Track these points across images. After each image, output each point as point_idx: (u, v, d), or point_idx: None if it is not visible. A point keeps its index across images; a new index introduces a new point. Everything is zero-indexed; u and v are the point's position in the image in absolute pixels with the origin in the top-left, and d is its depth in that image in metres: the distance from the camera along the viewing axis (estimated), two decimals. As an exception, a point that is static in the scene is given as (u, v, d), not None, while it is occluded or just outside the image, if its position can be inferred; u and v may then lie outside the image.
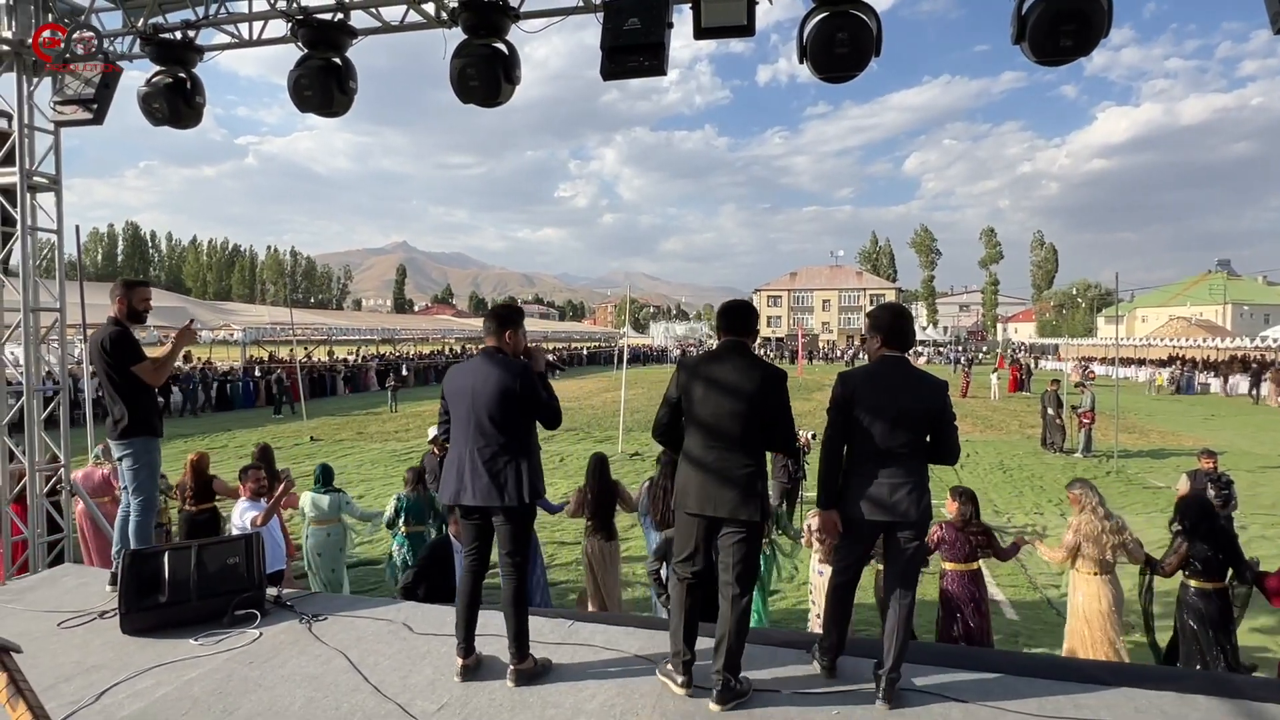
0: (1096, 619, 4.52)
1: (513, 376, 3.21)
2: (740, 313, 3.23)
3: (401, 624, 3.85)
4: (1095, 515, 4.60)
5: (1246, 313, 58.44)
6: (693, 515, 3.06)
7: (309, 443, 16.01)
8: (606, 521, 5.23)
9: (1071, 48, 3.41)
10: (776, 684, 3.20)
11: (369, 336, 38.77)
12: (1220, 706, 3.02)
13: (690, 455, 3.09)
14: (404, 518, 5.79)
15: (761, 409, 3.02)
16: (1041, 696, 3.07)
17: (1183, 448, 15.30)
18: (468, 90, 4.36)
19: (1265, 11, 3.47)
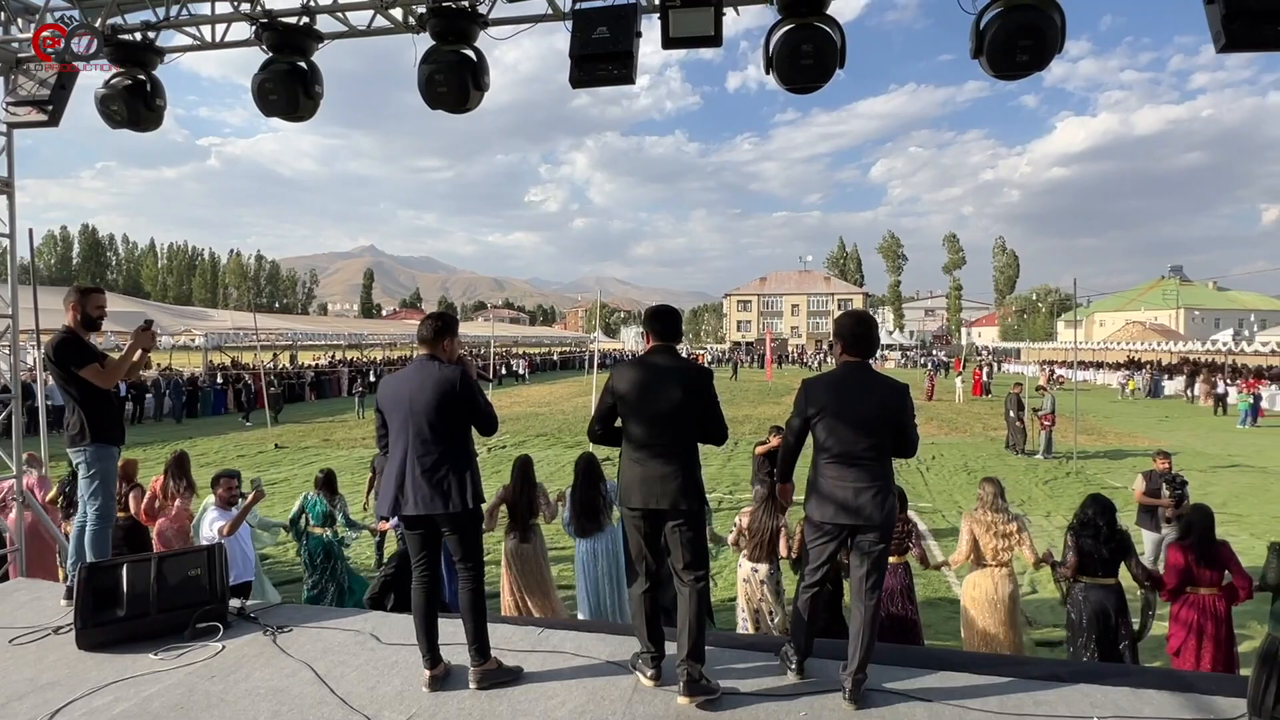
0: (986, 607, 4.64)
1: (453, 382, 3.21)
2: (670, 318, 3.36)
3: (369, 634, 3.81)
4: (988, 510, 4.73)
5: (1198, 317, 60.35)
6: (636, 510, 3.17)
7: (273, 450, 15.71)
8: (524, 523, 5.24)
9: (1027, 63, 3.52)
10: (746, 686, 3.23)
11: (335, 341, 38.17)
12: (1172, 700, 3.13)
13: (631, 454, 3.21)
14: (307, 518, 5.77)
15: (693, 405, 3.19)
16: (1003, 695, 3.15)
17: (1138, 448, 15.75)
18: (436, 97, 4.34)
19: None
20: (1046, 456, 14.76)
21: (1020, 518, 4.85)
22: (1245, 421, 20.33)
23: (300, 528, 5.84)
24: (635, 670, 3.31)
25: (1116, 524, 4.53)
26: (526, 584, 5.24)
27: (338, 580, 5.78)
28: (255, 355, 25.29)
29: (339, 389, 30.48)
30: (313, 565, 5.73)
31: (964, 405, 26.24)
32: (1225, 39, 3.39)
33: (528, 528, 5.28)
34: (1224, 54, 3.53)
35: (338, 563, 5.85)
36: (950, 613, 6.42)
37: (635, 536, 3.24)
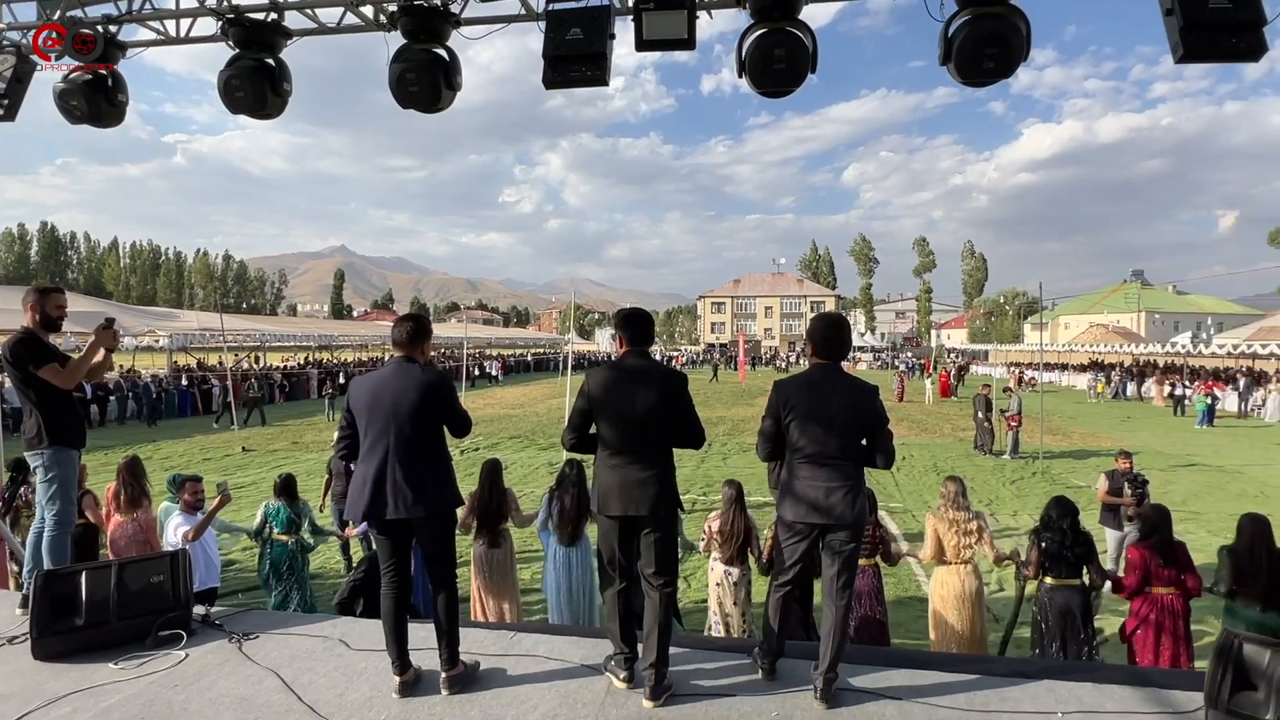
0: (953, 604, 4.71)
1: (436, 385, 3.21)
2: (642, 322, 3.34)
3: (337, 640, 3.75)
4: (950, 508, 4.82)
5: (1158, 320, 61.94)
6: (615, 518, 3.18)
7: (240, 453, 15.42)
8: (493, 528, 5.21)
9: (994, 70, 3.58)
10: (718, 687, 3.24)
11: (305, 343, 37.58)
12: (1133, 694, 3.20)
13: (607, 461, 3.20)
14: (271, 527, 5.68)
15: (669, 409, 3.20)
16: (970, 692, 3.20)
17: (1102, 448, 16.11)
18: (408, 96, 4.30)
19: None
20: (1013, 456, 15.03)
21: (980, 516, 4.93)
22: (1203, 422, 20.90)
23: (265, 536, 5.74)
24: (608, 672, 3.30)
25: (1079, 526, 4.63)
26: (495, 588, 5.21)
27: (303, 588, 5.69)
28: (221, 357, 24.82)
29: (308, 391, 30.04)
30: (277, 574, 5.63)
31: (934, 406, 26.62)
32: (1183, 50, 3.48)
33: (497, 532, 5.25)
34: (1182, 64, 3.63)
35: (302, 571, 5.78)
36: (919, 611, 6.50)
37: (610, 542, 3.24)
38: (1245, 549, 4.25)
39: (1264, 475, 13.49)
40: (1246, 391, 25.11)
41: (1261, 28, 3.44)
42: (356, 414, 3.23)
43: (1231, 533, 4.56)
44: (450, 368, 41.69)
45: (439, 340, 50.22)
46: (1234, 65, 3.65)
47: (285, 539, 5.69)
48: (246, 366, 31.16)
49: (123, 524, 5.47)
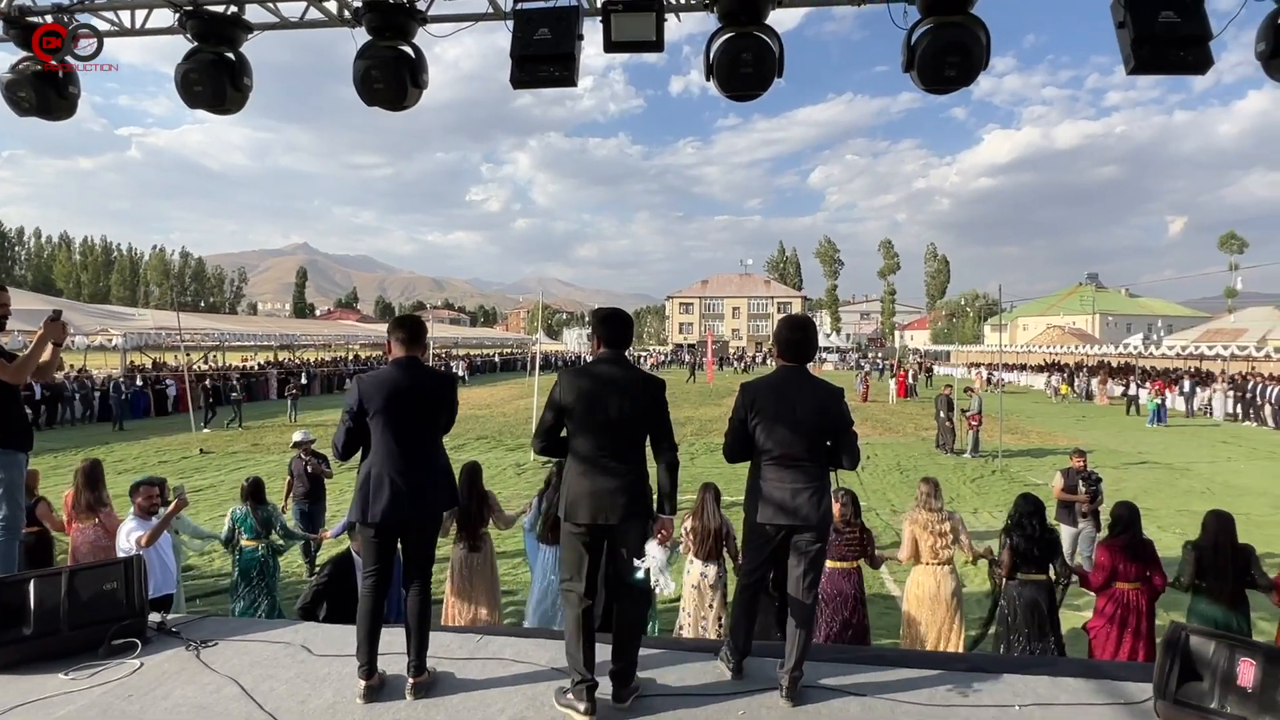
0: (929, 604, 4.80)
1: (449, 384, 3.29)
2: (620, 323, 3.25)
3: (300, 646, 3.68)
4: (926, 509, 4.91)
5: (1112, 322, 63.84)
6: (583, 526, 3.05)
7: (198, 455, 15.04)
8: (473, 531, 5.18)
9: (955, 78, 3.66)
10: (685, 687, 3.25)
11: (266, 343, 36.79)
12: (1086, 686, 3.30)
13: (577, 467, 3.10)
14: (239, 533, 5.57)
15: (646, 415, 3.13)
16: (933, 687, 3.26)
17: (1058, 447, 16.54)
18: (373, 93, 4.23)
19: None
20: (974, 455, 15.36)
21: (955, 515, 5.02)
22: (1154, 421, 21.59)
23: (235, 543, 5.62)
24: (564, 707, 3.01)
25: (1046, 522, 4.76)
26: (471, 593, 5.15)
27: (271, 594, 5.58)
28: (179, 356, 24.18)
29: (268, 392, 29.41)
30: (247, 580, 5.52)
31: (897, 406, 27.07)
32: (1135, 61, 3.60)
33: (478, 536, 5.20)
34: (1134, 75, 3.74)
35: (273, 577, 5.68)
36: (884, 608, 6.62)
37: (576, 552, 3.10)
38: (1209, 544, 4.38)
39: (1210, 472, 13.99)
40: (1191, 392, 26.00)
41: (1207, 42, 3.57)
42: (376, 412, 3.15)
43: (1180, 528, 4.73)
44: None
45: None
46: (1183, 77, 3.77)
47: (255, 544, 5.57)
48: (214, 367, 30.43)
49: (83, 529, 5.30)
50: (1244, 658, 2.84)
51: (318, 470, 7.75)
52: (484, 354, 55.57)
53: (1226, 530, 4.37)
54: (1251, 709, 2.76)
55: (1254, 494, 11.50)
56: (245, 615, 5.38)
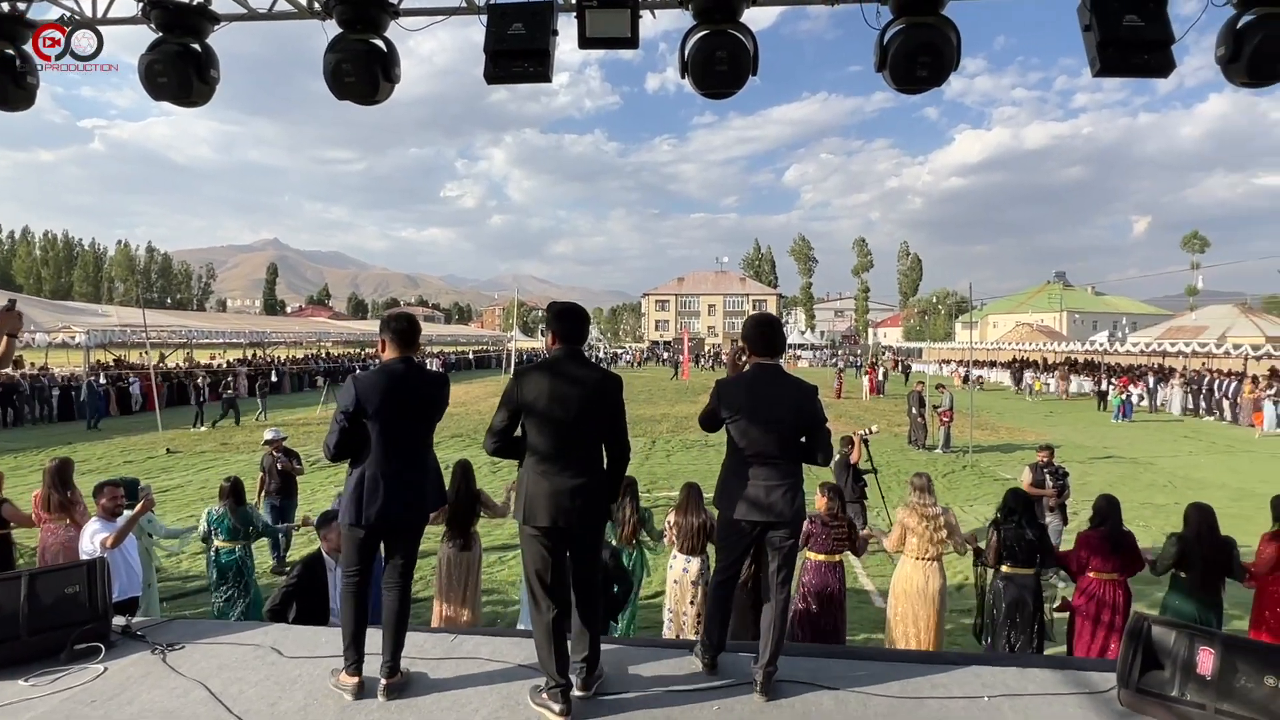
0: (916, 599, 4.85)
1: (445, 385, 3.31)
2: (576, 317, 3.19)
3: (270, 648, 3.62)
4: (919, 507, 4.96)
5: (1078, 319, 65.16)
6: (541, 529, 3.01)
7: (165, 455, 14.73)
8: (465, 529, 5.14)
9: (926, 78, 3.70)
10: (660, 682, 3.27)
11: (235, 340, 36.11)
12: (1053, 676, 3.37)
13: (536, 467, 3.05)
14: (214, 534, 5.49)
15: (605, 413, 3.11)
16: (904, 679, 3.31)
17: (1026, 442, 16.84)
18: (343, 87, 4.17)
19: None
20: (945, 450, 15.58)
21: (948, 510, 5.06)
22: (1119, 416, 22.09)
23: (210, 543, 5.54)
24: (540, 706, 3.01)
25: (1035, 517, 4.84)
26: (462, 593, 5.09)
27: (248, 594, 5.51)
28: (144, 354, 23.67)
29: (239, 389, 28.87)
30: (223, 580, 5.44)
31: (870, 402, 27.37)
32: (1100, 64, 3.67)
33: (469, 535, 5.16)
34: (1100, 78, 3.82)
35: (250, 576, 5.61)
36: (857, 602, 6.68)
37: (539, 557, 3.04)
38: (1193, 535, 4.49)
39: (1172, 466, 14.35)
40: (1155, 388, 26.62)
41: (1169, 46, 3.65)
42: (369, 413, 3.09)
43: (1144, 521, 4.85)
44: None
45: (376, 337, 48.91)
46: (1146, 80, 3.86)
47: (231, 545, 5.48)
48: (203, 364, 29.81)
49: (54, 530, 5.18)
50: (1203, 647, 2.92)
51: (288, 467, 7.72)
52: (458, 351, 55.10)
53: (1208, 522, 4.49)
54: (1210, 696, 2.84)
55: (1213, 486, 11.82)
56: (222, 616, 5.30)
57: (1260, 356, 24.58)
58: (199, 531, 5.61)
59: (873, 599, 6.92)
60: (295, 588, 4.33)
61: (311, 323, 55.30)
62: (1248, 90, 3.83)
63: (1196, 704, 2.86)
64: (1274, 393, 20.40)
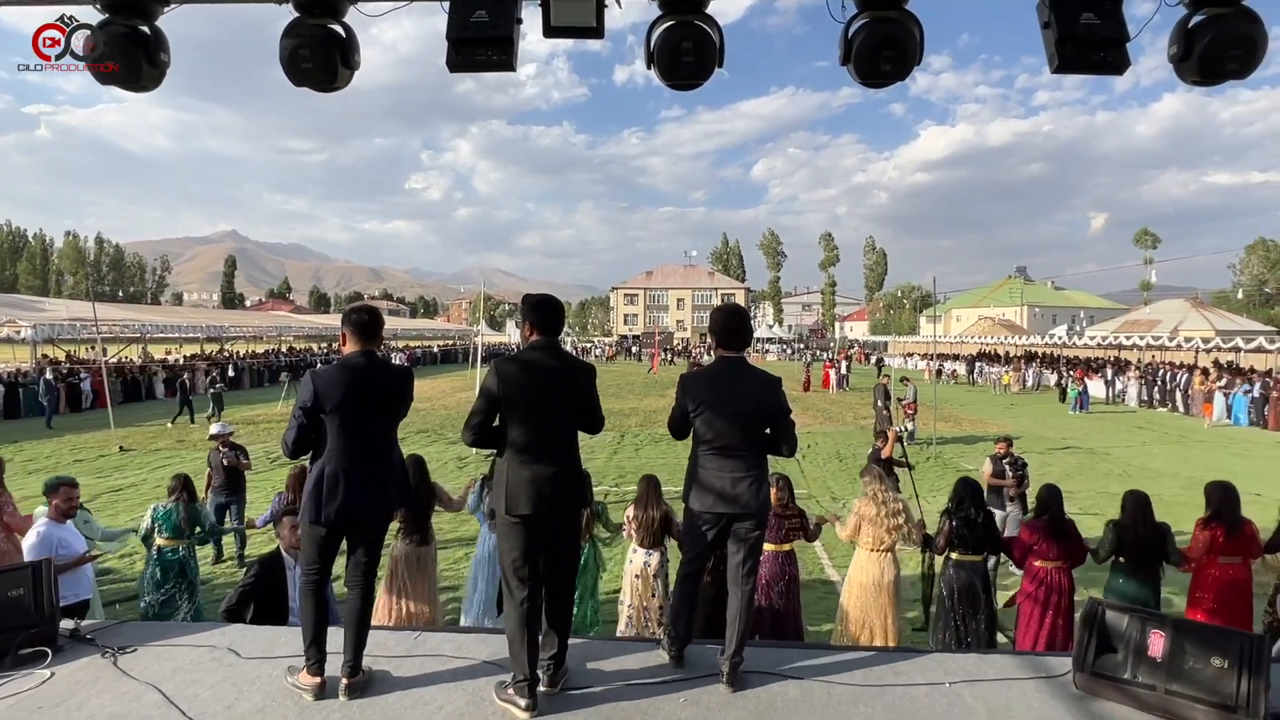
0: (871, 590, 4.91)
1: (409, 378, 3.27)
2: (552, 309, 3.24)
3: (226, 649, 3.54)
4: (875, 499, 5.01)
5: (1038, 313, 66.78)
6: (523, 518, 3.03)
7: (118, 453, 14.31)
8: (421, 525, 5.09)
9: (890, 72, 3.73)
10: (626, 676, 3.27)
11: (191, 335, 35.21)
12: (1012, 662, 3.46)
13: (516, 457, 3.07)
14: (158, 531, 5.35)
15: (580, 404, 3.19)
16: (867, 668, 3.37)
17: (988, 434, 17.20)
18: (301, 73, 4.06)
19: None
20: (909, 443, 15.85)
21: (904, 501, 5.12)
22: (1076, 408, 22.69)
23: (150, 541, 5.37)
24: (505, 701, 3.00)
25: (985, 505, 4.95)
26: (415, 589, 5.03)
27: (193, 595, 5.38)
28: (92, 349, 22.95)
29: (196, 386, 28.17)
30: (165, 579, 5.29)
31: (837, 396, 27.72)
32: (1058, 61, 3.74)
33: (425, 530, 5.10)
34: (1059, 74, 3.89)
35: (194, 576, 5.47)
36: (824, 593, 6.77)
37: (518, 546, 3.05)
38: (1129, 522, 4.65)
39: (1127, 456, 14.79)
40: (1113, 380, 27.41)
41: (1124, 44, 3.74)
42: (327, 408, 3.05)
43: (1100, 509, 4.99)
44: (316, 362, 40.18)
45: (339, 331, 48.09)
46: (1104, 78, 3.94)
47: (175, 544, 5.35)
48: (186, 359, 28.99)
49: None
50: (1154, 630, 3.01)
51: (234, 463, 7.59)
52: (424, 345, 54.47)
53: (1144, 508, 4.65)
54: (1160, 677, 2.93)
55: (1166, 476, 12.22)
56: (160, 618, 5.15)
57: (1210, 350, 25.45)
58: (141, 529, 5.44)
59: (838, 589, 7.01)
60: (253, 587, 4.24)
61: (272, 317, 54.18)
62: (1199, 89, 3.94)
63: (1147, 685, 2.96)
64: (1224, 385, 21.14)
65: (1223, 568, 4.60)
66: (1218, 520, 4.62)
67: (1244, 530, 4.61)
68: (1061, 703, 3.06)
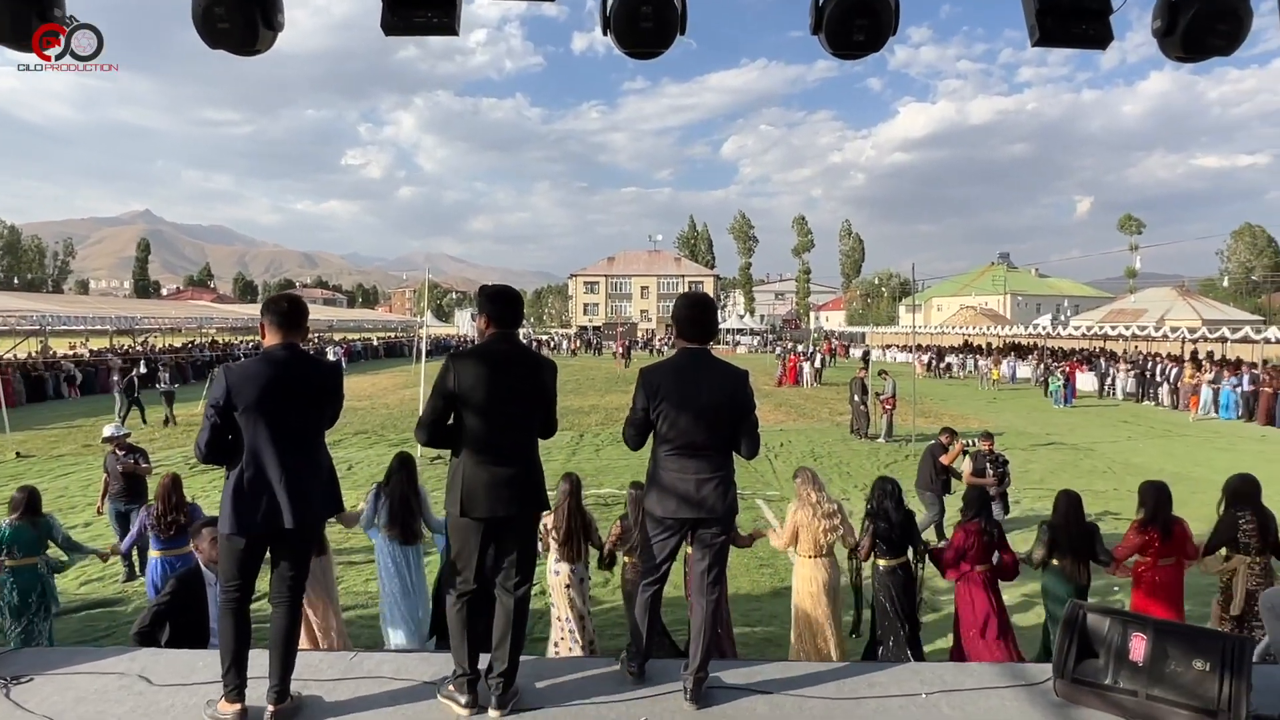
0: (809, 599, 5.02)
1: (336, 375, 3.23)
2: (510, 301, 3.29)
3: (137, 676, 3.44)
4: (808, 503, 5.10)
5: (1022, 302, 68.46)
6: (481, 520, 3.09)
7: (14, 460, 13.80)
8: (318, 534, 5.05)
9: (863, 42, 3.76)
10: (584, 693, 3.27)
11: (99, 327, 34.07)
12: (990, 670, 3.55)
13: (474, 457, 3.10)
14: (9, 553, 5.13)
15: (540, 402, 3.22)
16: (839, 680, 3.43)
17: (970, 429, 17.58)
18: (215, 34, 3.93)
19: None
20: (887, 440, 16.13)
21: (839, 504, 5.22)
22: (1059, 402, 23.30)
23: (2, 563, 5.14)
24: (445, 698, 3.14)
25: (903, 505, 5.08)
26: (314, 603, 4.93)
27: (48, 618, 5.23)
28: (-13, 343, 22.06)
29: (108, 384, 27.31)
30: (24, 605, 5.08)
31: (812, 391, 28.05)
32: (1039, 33, 3.82)
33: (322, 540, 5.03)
34: (1042, 49, 3.97)
35: (50, 598, 5.30)
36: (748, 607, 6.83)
37: (471, 546, 3.13)
38: (1060, 523, 4.86)
39: (1112, 451, 15.27)
40: (1105, 372, 28.12)
41: (1107, 16, 3.83)
42: (240, 407, 2.97)
43: (1085, 507, 5.14)
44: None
45: (270, 323, 46.87)
46: (1090, 55, 4.04)
47: (32, 561, 5.17)
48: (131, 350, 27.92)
49: None
50: (1136, 633, 3.11)
51: (129, 468, 7.40)
52: (363, 338, 53.61)
53: (1075, 507, 4.88)
54: (1142, 682, 3.03)
55: (1150, 472, 12.62)
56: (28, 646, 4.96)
57: (1197, 340, 26.37)
58: None
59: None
60: (168, 606, 4.13)
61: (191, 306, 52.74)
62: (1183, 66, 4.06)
63: (1129, 691, 3.05)
64: (1212, 377, 21.91)
65: (1160, 570, 4.86)
66: (1153, 523, 4.84)
67: (1175, 531, 4.84)
68: (1041, 711, 3.15)
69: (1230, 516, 4.87)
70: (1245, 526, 4.78)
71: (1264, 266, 67.77)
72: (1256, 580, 4.74)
